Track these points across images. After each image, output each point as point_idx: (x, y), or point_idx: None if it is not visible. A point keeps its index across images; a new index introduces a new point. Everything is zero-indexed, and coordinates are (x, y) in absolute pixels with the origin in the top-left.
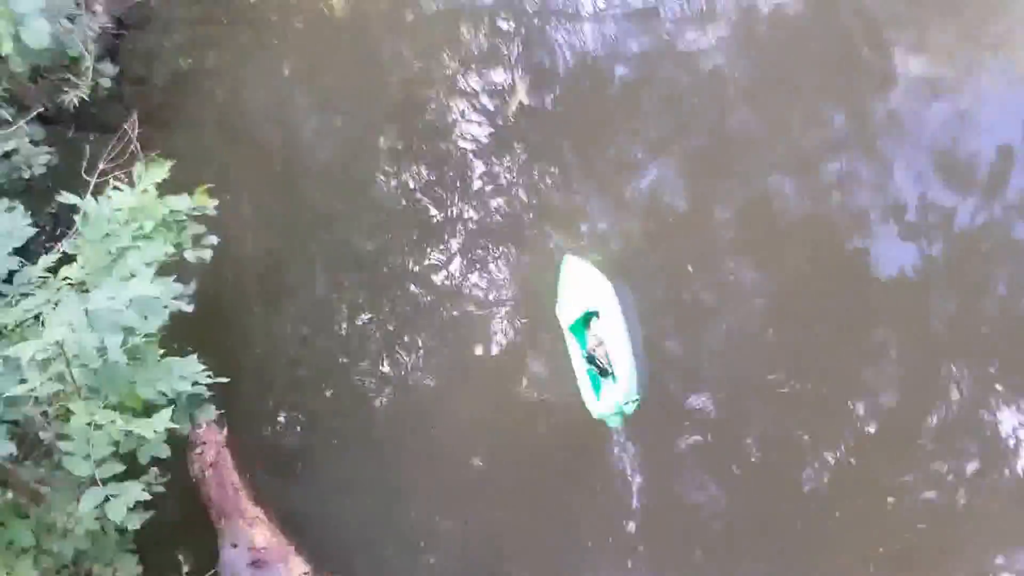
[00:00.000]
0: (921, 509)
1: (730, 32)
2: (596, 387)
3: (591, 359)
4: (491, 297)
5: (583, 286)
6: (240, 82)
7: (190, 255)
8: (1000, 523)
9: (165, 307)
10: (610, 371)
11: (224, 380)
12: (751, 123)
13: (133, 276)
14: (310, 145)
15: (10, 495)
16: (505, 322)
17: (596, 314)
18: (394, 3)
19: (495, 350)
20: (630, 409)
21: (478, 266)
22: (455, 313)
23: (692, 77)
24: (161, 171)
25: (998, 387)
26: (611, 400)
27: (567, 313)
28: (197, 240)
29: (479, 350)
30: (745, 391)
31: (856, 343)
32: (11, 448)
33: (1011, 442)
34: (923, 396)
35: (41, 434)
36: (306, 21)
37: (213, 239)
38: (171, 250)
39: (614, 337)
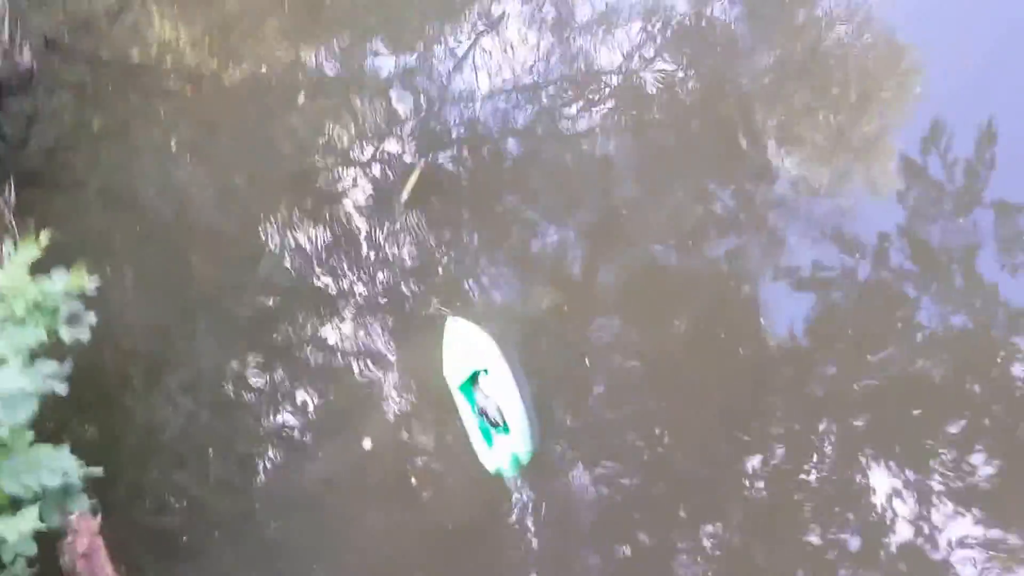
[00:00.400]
0: None
1: (617, 112)
2: (489, 441)
3: (482, 414)
4: (381, 373)
5: (468, 345)
6: (126, 148)
7: (65, 335)
8: None
9: (36, 396)
10: (502, 424)
11: (97, 473)
12: (638, 198)
13: (2, 364)
14: (198, 215)
15: None
16: (398, 399)
17: (483, 371)
18: (289, 72)
19: (387, 430)
20: (526, 458)
21: (369, 338)
22: (346, 390)
23: (581, 153)
24: (32, 251)
25: (874, 454)
26: (506, 451)
27: (455, 374)
28: (74, 319)
29: (369, 437)
30: (632, 463)
31: (741, 410)
32: None
33: (887, 515)
34: (804, 467)
35: None
36: (197, 88)
37: (91, 317)
38: (43, 336)
39: (503, 391)
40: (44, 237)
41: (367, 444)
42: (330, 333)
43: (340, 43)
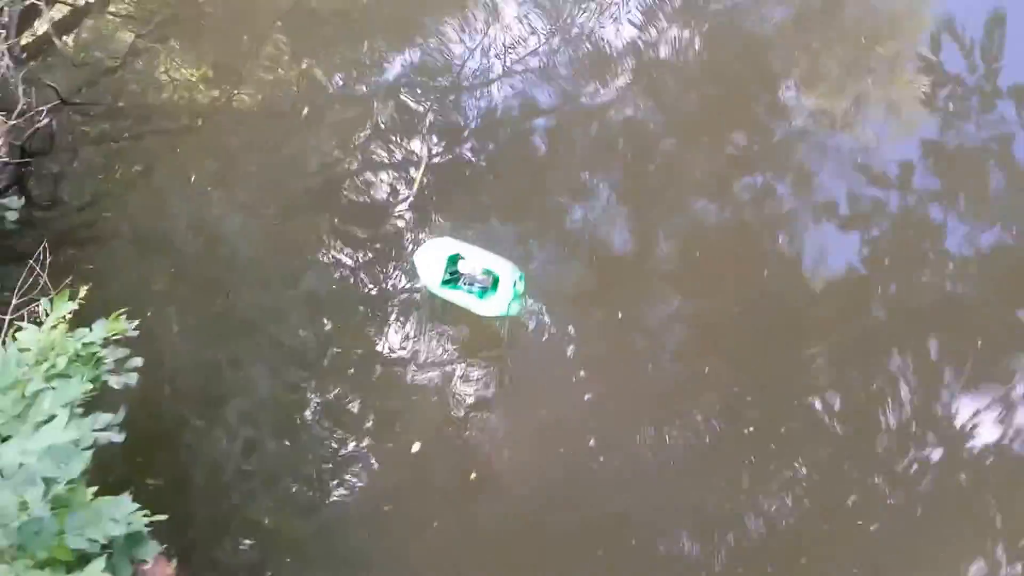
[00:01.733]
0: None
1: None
2: (487, 296)
3: (471, 283)
4: (438, 375)
5: (438, 251)
6: (151, 192)
7: (114, 382)
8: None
9: (89, 447)
10: (491, 282)
11: (161, 517)
12: (665, 158)
13: (51, 420)
14: (231, 246)
15: None
16: (454, 404)
17: (458, 257)
18: (302, 89)
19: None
20: (520, 288)
21: (421, 340)
22: (396, 393)
23: (605, 122)
24: (67, 305)
25: (946, 373)
26: (504, 295)
27: (433, 277)
28: (120, 365)
29: (419, 443)
30: (692, 418)
31: (799, 349)
32: None
33: (968, 429)
34: (875, 396)
35: None
36: (211, 121)
37: (137, 361)
38: (88, 386)
39: (483, 260)
40: (81, 291)
41: (416, 447)
42: (376, 339)
43: (344, 53)
